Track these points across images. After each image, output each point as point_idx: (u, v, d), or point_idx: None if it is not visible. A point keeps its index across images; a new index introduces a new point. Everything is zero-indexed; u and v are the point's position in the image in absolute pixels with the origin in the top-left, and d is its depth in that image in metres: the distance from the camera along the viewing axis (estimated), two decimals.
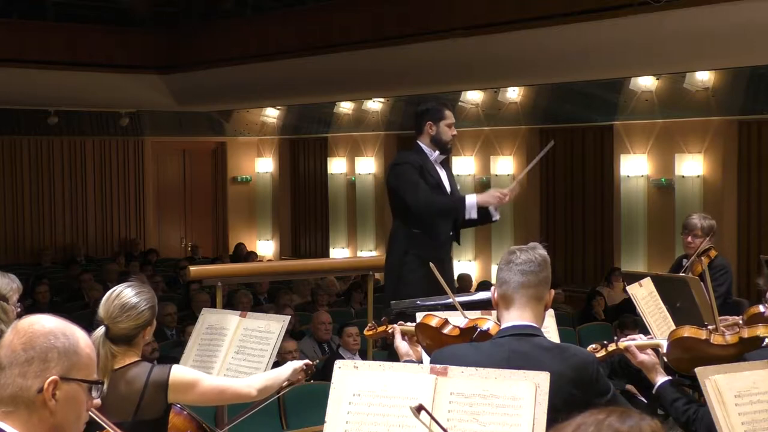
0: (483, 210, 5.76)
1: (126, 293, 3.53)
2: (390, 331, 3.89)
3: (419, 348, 3.74)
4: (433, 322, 3.67)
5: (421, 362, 3.62)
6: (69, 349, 2.10)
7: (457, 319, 3.68)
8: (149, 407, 3.47)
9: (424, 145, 5.84)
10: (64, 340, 2.10)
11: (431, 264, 3.99)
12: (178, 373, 3.54)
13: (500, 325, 3.20)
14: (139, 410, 3.45)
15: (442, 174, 5.85)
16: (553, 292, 3.20)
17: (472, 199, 5.70)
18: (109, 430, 2.59)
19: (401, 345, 3.75)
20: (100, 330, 3.48)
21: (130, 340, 3.53)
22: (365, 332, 4.05)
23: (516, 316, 3.11)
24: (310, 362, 3.95)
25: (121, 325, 3.50)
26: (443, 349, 3.26)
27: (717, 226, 6.48)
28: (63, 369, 2.08)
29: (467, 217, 5.66)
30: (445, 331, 3.62)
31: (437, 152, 5.81)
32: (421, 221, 5.74)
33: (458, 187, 6.03)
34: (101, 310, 3.52)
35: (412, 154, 5.90)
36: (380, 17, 12.09)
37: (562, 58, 10.49)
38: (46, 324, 2.12)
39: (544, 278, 3.14)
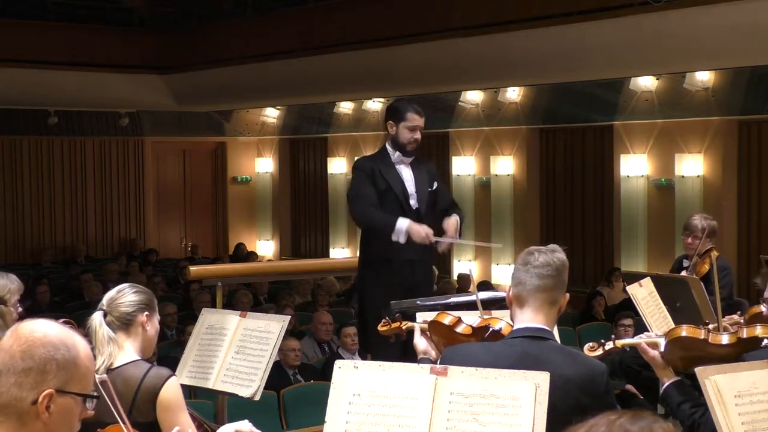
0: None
1: (124, 284, 3.69)
2: (404, 327, 3.85)
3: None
4: (447, 320, 3.65)
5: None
6: (68, 362, 2.04)
7: (470, 318, 3.66)
8: (141, 411, 3.44)
9: (388, 145, 5.68)
10: (65, 352, 2.04)
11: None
12: (172, 387, 3.46)
13: (512, 325, 3.20)
14: (132, 412, 3.42)
15: (405, 176, 5.65)
16: (568, 295, 3.17)
17: (403, 225, 5.42)
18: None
19: (420, 342, 3.69)
20: (98, 315, 3.53)
21: (128, 323, 3.55)
22: (379, 327, 4.00)
23: (529, 318, 3.10)
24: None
25: (119, 301, 3.56)
26: (454, 347, 3.24)
27: (718, 227, 6.46)
28: (60, 382, 2.03)
29: (394, 239, 5.41)
30: (458, 329, 3.60)
31: (397, 153, 5.63)
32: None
33: (432, 188, 5.71)
34: (104, 300, 3.61)
35: (367, 160, 5.80)
36: (380, 17, 12.08)
37: (562, 58, 10.48)
38: (47, 332, 2.06)
39: (560, 282, 3.12)
